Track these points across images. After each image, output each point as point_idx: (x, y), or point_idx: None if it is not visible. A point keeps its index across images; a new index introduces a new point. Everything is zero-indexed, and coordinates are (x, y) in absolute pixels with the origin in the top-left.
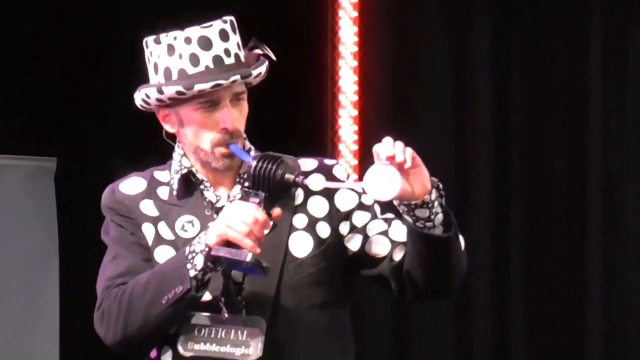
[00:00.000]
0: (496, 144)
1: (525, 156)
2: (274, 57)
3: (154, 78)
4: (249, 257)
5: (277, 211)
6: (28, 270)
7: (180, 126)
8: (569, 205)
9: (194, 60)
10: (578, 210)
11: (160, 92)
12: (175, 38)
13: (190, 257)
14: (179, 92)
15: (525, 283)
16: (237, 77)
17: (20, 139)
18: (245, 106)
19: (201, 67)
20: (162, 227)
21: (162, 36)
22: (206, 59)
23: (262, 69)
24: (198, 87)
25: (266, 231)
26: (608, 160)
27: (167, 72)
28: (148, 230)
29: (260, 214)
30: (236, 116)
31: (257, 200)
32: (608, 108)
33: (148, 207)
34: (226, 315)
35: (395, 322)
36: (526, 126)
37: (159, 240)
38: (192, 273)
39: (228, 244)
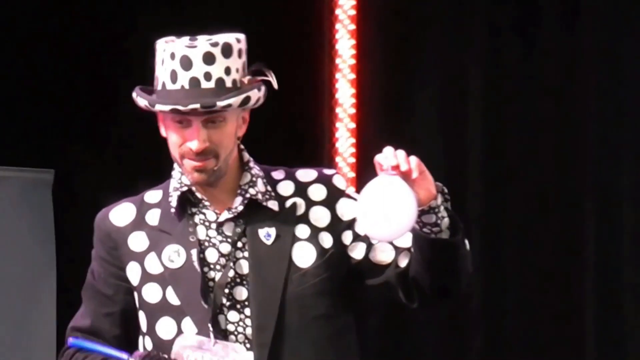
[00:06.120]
0: (490, 156)
1: (518, 167)
2: (275, 84)
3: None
4: None
5: None
6: (25, 281)
7: (166, 133)
8: (562, 206)
9: (174, 77)
10: (572, 213)
11: (136, 98)
12: (164, 50)
13: None
14: (146, 106)
15: (518, 284)
16: (197, 106)
17: (18, 151)
18: (225, 128)
19: (177, 86)
20: (150, 259)
21: (161, 42)
22: (183, 78)
23: (235, 100)
24: (158, 107)
25: None
26: (603, 156)
27: (156, 80)
28: (133, 270)
29: None
30: (205, 137)
31: None
32: (602, 107)
33: (136, 241)
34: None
35: (386, 322)
36: (518, 144)
37: (146, 277)
38: None
39: None
